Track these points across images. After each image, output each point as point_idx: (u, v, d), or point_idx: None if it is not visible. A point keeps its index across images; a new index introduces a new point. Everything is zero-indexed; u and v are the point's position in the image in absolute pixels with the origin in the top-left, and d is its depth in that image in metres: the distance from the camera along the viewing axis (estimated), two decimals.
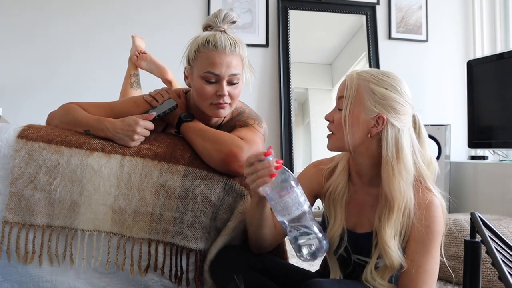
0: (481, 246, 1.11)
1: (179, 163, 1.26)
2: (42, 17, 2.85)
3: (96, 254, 1.25)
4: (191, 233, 1.23)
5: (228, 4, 3.07)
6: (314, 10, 3.22)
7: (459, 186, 3.01)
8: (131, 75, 2.25)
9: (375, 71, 1.11)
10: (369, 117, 1.08)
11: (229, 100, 1.29)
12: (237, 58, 1.28)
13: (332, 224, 1.16)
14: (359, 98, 1.08)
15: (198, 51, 1.27)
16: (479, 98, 2.81)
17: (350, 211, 1.17)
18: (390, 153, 1.07)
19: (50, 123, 1.40)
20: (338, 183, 1.17)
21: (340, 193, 1.16)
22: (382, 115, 1.07)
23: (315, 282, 1.02)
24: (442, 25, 3.45)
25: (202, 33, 1.30)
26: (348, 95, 1.08)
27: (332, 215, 1.17)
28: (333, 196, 1.17)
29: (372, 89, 1.07)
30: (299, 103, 3.19)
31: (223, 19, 1.30)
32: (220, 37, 1.26)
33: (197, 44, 1.28)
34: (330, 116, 1.14)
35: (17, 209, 1.24)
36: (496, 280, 1.86)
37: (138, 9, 2.98)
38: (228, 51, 1.25)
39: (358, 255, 1.15)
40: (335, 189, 1.17)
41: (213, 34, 1.27)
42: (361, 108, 1.08)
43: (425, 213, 1.05)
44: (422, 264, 1.04)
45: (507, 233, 1.92)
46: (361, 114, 1.08)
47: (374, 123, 1.08)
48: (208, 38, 1.27)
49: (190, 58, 1.30)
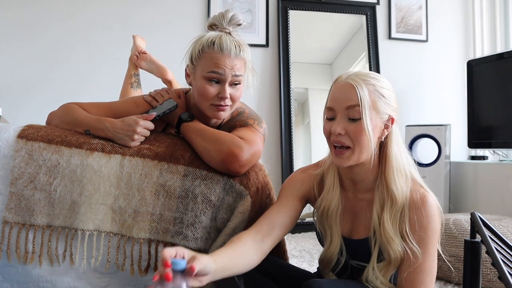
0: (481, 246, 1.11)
1: (179, 163, 1.26)
2: (42, 16, 2.85)
3: (96, 254, 1.25)
4: (191, 233, 1.23)
5: (228, 4, 3.07)
6: (314, 10, 3.22)
7: (459, 186, 3.01)
8: (131, 75, 2.25)
9: (370, 73, 1.10)
10: (382, 121, 1.08)
11: (230, 102, 1.29)
12: (241, 61, 1.28)
13: (329, 244, 1.15)
14: (372, 104, 1.05)
15: (202, 51, 1.27)
16: (479, 98, 2.81)
17: (345, 218, 1.17)
18: (395, 151, 1.09)
19: (50, 123, 1.40)
20: (331, 200, 1.15)
21: (334, 211, 1.15)
22: (392, 116, 1.09)
23: (314, 282, 1.02)
24: (442, 25, 3.45)
25: (207, 33, 1.30)
26: (364, 103, 1.04)
27: (328, 235, 1.16)
28: (326, 214, 1.16)
29: (380, 92, 1.07)
30: (299, 103, 3.19)
31: (229, 21, 1.30)
32: (225, 39, 1.26)
33: (201, 44, 1.28)
34: (343, 129, 1.06)
35: (17, 209, 1.24)
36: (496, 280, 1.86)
37: (138, 9, 2.98)
38: (233, 55, 1.25)
39: (357, 261, 1.15)
40: (328, 207, 1.15)
41: (218, 36, 1.27)
42: (376, 114, 1.06)
43: (421, 212, 1.05)
44: (419, 264, 1.04)
45: (507, 233, 1.93)
46: (376, 120, 1.06)
47: (384, 126, 1.08)
48: (213, 39, 1.26)
49: (194, 57, 1.30)
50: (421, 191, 1.08)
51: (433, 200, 1.07)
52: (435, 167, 2.96)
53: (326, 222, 1.16)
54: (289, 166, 3.06)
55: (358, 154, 1.06)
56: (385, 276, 1.07)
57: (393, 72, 3.32)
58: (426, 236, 1.05)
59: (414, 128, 3.06)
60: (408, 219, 1.06)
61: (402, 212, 1.07)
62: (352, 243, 1.14)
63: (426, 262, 1.04)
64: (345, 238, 1.15)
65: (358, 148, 1.06)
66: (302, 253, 2.45)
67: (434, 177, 2.95)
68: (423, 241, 1.04)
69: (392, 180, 1.07)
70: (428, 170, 2.97)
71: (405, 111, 3.35)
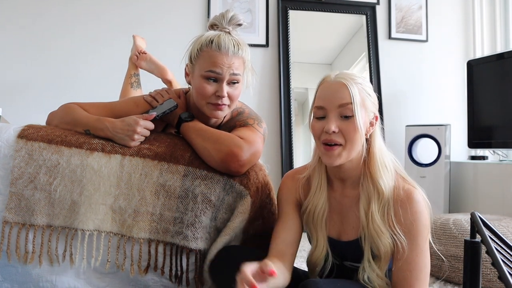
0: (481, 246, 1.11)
1: (179, 163, 1.26)
2: (43, 16, 2.85)
3: (96, 254, 1.25)
4: (191, 233, 1.23)
5: (228, 4, 3.07)
6: (314, 10, 3.22)
7: (459, 186, 3.01)
8: (132, 75, 2.25)
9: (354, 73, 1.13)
10: (369, 119, 1.11)
11: (228, 101, 1.29)
12: (240, 60, 1.28)
13: (315, 246, 1.16)
14: (362, 102, 1.08)
15: (201, 49, 1.28)
16: (479, 98, 2.81)
17: (333, 220, 1.17)
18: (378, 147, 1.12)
19: (50, 123, 1.39)
20: (317, 202, 1.16)
21: (320, 213, 1.15)
22: (376, 114, 1.13)
23: (311, 282, 1.02)
24: (442, 25, 3.45)
25: (207, 33, 1.30)
26: (356, 101, 1.06)
27: (314, 237, 1.17)
28: (312, 216, 1.17)
29: (367, 91, 1.10)
30: (299, 103, 3.19)
31: (229, 21, 1.30)
32: (224, 38, 1.26)
33: (200, 43, 1.28)
34: (336, 127, 1.06)
35: (17, 209, 1.24)
36: (496, 280, 1.86)
37: (138, 9, 2.98)
38: (231, 53, 1.25)
39: (349, 262, 1.15)
40: (313, 209, 1.16)
41: (217, 35, 1.27)
42: (364, 112, 1.09)
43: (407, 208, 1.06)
44: (412, 261, 1.05)
45: (507, 233, 1.93)
46: (366, 118, 1.10)
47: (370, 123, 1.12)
48: (212, 38, 1.27)
49: (193, 56, 1.30)
50: (407, 186, 1.09)
51: (419, 195, 1.08)
52: (435, 167, 2.96)
53: (311, 224, 1.17)
54: (289, 166, 3.06)
55: (348, 151, 1.08)
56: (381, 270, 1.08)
57: (393, 72, 3.32)
58: (416, 232, 1.05)
59: (414, 128, 3.05)
60: (393, 212, 1.08)
61: (388, 205, 1.08)
62: (341, 245, 1.15)
63: (419, 258, 1.05)
64: (334, 240, 1.16)
65: (350, 145, 1.07)
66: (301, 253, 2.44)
67: (434, 177, 2.95)
68: (413, 238, 1.05)
69: (378, 174, 1.09)
70: (428, 170, 2.97)
71: (405, 111, 3.35)
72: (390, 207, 1.08)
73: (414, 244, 1.05)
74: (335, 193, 1.17)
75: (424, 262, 1.06)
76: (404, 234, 1.06)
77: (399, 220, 1.06)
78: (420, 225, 1.06)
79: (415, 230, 1.05)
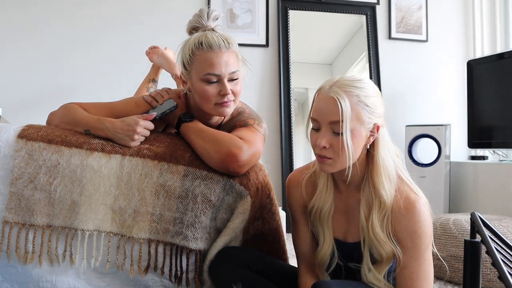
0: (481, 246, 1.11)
1: (179, 163, 1.26)
2: (43, 16, 2.84)
3: (96, 254, 1.25)
4: (191, 233, 1.23)
5: (228, 4, 3.07)
6: (314, 10, 3.22)
7: (459, 186, 3.01)
8: (150, 80, 2.33)
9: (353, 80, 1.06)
10: (368, 130, 1.06)
11: (233, 97, 1.29)
12: (233, 54, 1.28)
13: (322, 245, 1.17)
14: (356, 117, 1.03)
15: (193, 54, 1.27)
16: (479, 98, 2.81)
17: (339, 220, 1.17)
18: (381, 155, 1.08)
19: (50, 123, 1.39)
20: (324, 202, 1.16)
21: (326, 213, 1.15)
22: (377, 123, 1.07)
23: (324, 283, 1.02)
24: (442, 25, 3.45)
25: (192, 36, 1.29)
26: (345, 119, 1.01)
27: (321, 236, 1.17)
28: (318, 216, 1.17)
29: (365, 102, 1.04)
30: (299, 103, 3.19)
31: (208, 17, 1.30)
32: (212, 36, 1.26)
33: (189, 47, 1.27)
34: (327, 143, 1.05)
35: (17, 209, 1.24)
36: (496, 280, 1.86)
37: (138, 9, 2.98)
38: (223, 49, 1.25)
39: (354, 263, 1.15)
40: (320, 209, 1.16)
41: (203, 35, 1.27)
42: (360, 125, 1.04)
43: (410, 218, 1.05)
44: (415, 271, 1.04)
45: (507, 233, 1.93)
46: (361, 131, 1.05)
47: (370, 133, 1.07)
48: (200, 40, 1.26)
49: (186, 63, 1.29)
50: (411, 195, 1.07)
51: (422, 205, 1.06)
52: (435, 167, 2.96)
53: (318, 223, 1.17)
54: (289, 166, 3.06)
55: (340, 163, 1.06)
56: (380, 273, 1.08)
57: (393, 72, 3.32)
58: (419, 242, 1.05)
59: (414, 128, 3.05)
60: (394, 222, 1.07)
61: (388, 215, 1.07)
62: (346, 246, 1.15)
63: (422, 267, 1.05)
64: (340, 241, 1.16)
65: (340, 159, 1.05)
66: None
67: (434, 177, 2.95)
68: (416, 247, 1.05)
69: (380, 184, 1.07)
70: (428, 170, 2.97)
71: (405, 111, 3.35)
72: (389, 217, 1.07)
73: (417, 253, 1.05)
74: (341, 194, 1.17)
75: (427, 271, 1.05)
76: (406, 243, 1.05)
77: (401, 229, 1.06)
78: (423, 235, 1.05)
79: (418, 239, 1.04)
